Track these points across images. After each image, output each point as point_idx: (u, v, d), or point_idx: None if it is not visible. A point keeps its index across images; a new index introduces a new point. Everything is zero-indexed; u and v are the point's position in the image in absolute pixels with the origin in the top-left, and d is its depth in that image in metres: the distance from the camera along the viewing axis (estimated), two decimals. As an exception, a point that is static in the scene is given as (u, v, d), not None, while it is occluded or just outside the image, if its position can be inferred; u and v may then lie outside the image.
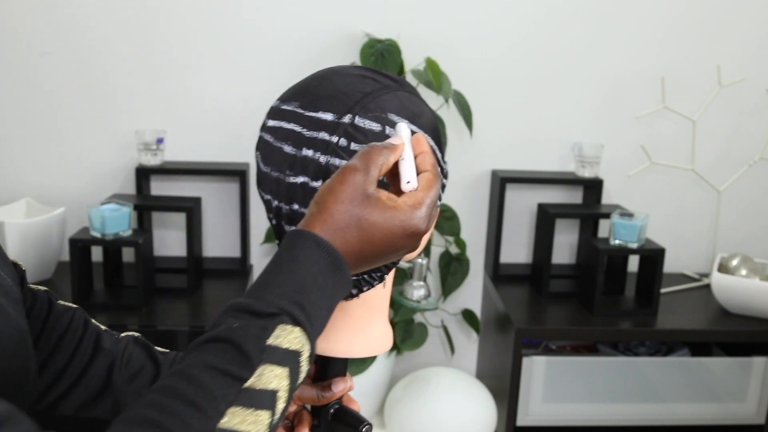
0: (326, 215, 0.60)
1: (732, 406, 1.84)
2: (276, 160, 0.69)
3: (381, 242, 0.61)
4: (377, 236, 0.60)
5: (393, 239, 0.61)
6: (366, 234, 0.60)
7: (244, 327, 0.55)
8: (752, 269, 1.84)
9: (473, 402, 1.81)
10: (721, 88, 1.97)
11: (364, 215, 0.60)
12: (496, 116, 1.99)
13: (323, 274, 0.59)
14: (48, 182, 1.93)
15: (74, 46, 1.86)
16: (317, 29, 1.90)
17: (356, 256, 0.61)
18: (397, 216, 0.61)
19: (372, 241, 0.60)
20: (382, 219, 0.60)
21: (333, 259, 0.59)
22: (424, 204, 0.62)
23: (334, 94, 0.68)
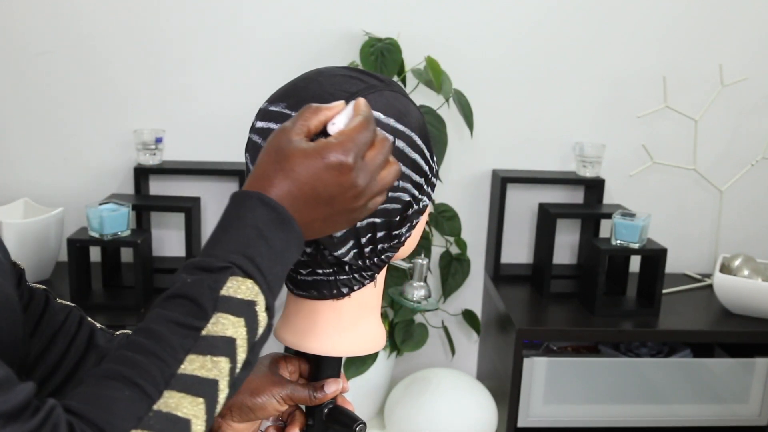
0: (259, 172, 0.62)
1: (734, 407, 1.83)
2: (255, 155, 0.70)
3: (311, 184, 0.61)
4: (303, 176, 0.61)
5: (317, 175, 0.61)
6: (294, 177, 0.61)
7: (198, 281, 0.57)
8: (754, 269, 1.83)
9: (474, 403, 1.80)
10: (723, 88, 1.96)
11: (289, 161, 0.61)
12: (497, 116, 1.98)
13: (269, 229, 0.60)
14: (46, 182, 1.92)
15: (73, 46, 1.85)
16: (317, 28, 1.89)
17: (297, 205, 0.61)
18: (316, 150, 0.61)
19: (301, 184, 0.61)
20: (303, 157, 0.61)
21: (277, 213, 0.60)
22: (347, 137, 0.61)
23: (320, 94, 0.69)
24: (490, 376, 1.98)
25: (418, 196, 0.73)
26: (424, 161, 0.73)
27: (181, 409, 0.53)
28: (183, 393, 0.54)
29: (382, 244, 0.73)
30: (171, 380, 0.54)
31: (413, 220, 0.74)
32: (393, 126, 0.70)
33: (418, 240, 0.79)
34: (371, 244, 0.72)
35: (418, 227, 0.77)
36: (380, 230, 0.71)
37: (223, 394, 0.57)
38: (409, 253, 0.79)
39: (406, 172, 0.71)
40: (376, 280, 0.77)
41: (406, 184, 0.71)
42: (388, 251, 0.75)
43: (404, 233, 0.74)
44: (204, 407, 0.55)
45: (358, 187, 0.62)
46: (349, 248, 0.71)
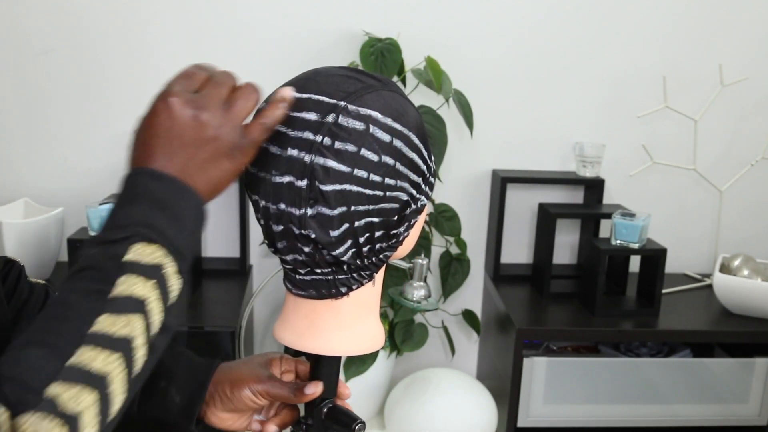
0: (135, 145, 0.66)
1: (734, 407, 1.83)
2: (262, 160, 0.70)
3: (151, 126, 0.63)
4: (146, 122, 0.64)
5: (154, 115, 0.63)
6: (143, 128, 0.64)
7: (101, 252, 0.58)
8: (754, 269, 1.83)
9: (474, 403, 1.80)
10: (723, 88, 1.96)
11: (141, 120, 0.65)
12: (497, 116, 1.99)
13: (164, 197, 0.61)
14: (46, 182, 1.92)
15: (73, 46, 1.85)
16: (317, 28, 1.89)
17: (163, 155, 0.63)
18: (150, 106, 0.65)
19: (146, 129, 0.64)
20: (149, 109, 0.64)
21: (163, 180, 0.62)
22: (181, 72, 0.65)
23: (318, 94, 0.70)
24: (490, 376, 1.98)
25: (416, 195, 0.73)
26: (422, 161, 0.73)
27: (95, 363, 0.54)
28: (97, 348, 0.54)
29: (380, 243, 0.73)
30: (82, 339, 0.54)
31: (411, 219, 0.74)
32: (390, 125, 0.70)
33: (416, 240, 0.79)
34: (369, 244, 0.72)
35: (416, 227, 0.77)
36: (378, 230, 0.71)
37: (139, 353, 0.57)
38: (407, 252, 0.79)
39: (404, 172, 0.71)
40: (374, 280, 0.77)
41: (403, 184, 0.71)
42: (386, 251, 0.75)
43: (402, 233, 0.75)
44: (121, 361, 0.55)
45: (199, 117, 0.63)
46: (347, 248, 0.71)
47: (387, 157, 0.69)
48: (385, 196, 0.70)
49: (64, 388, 0.52)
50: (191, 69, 0.66)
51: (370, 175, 0.68)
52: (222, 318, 1.66)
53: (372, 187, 0.69)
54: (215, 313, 1.71)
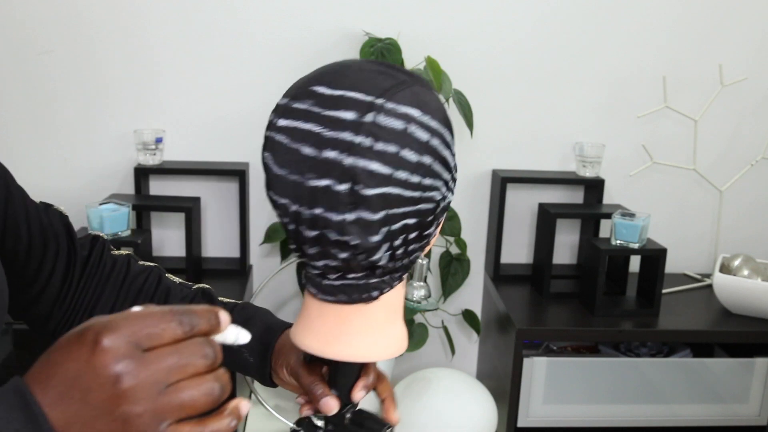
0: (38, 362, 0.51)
1: (734, 407, 1.83)
2: (293, 162, 0.65)
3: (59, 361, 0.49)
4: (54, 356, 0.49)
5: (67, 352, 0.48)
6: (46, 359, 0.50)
7: None
8: (754, 269, 1.83)
9: (473, 403, 1.80)
10: (723, 88, 1.96)
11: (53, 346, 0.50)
12: (497, 116, 1.98)
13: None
14: (46, 182, 1.92)
15: (73, 46, 1.85)
16: (316, 28, 1.89)
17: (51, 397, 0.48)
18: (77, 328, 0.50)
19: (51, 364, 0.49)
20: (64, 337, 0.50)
21: (37, 426, 0.47)
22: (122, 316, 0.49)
23: (352, 91, 0.65)
24: (490, 375, 1.98)
25: (446, 193, 0.71)
26: (452, 157, 0.71)
27: None
28: None
29: (414, 244, 0.70)
30: None
31: (440, 217, 0.72)
32: (427, 124, 0.66)
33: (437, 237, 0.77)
34: (404, 246, 0.69)
35: (441, 224, 0.75)
36: (413, 231, 0.69)
37: None
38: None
39: (439, 171, 0.68)
40: (403, 281, 0.74)
41: (438, 183, 0.69)
42: (417, 251, 0.72)
43: (433, 232, 0.73)
44: None
45: (120, 384, 0.47)
46: (384, 251, 0.68)
47: (425, 156, 0.66)
48: (421, 197, 0.67)
49: None
50: (166, 317, 0.49)
51: (410, 176, 0.65)
52: (222, 318, 1.66)
53: (411, 188, 0.65)
54: (215, 313, 1.70)
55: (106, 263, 0.90)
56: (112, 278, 0.90)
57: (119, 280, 0.90)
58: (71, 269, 0.87)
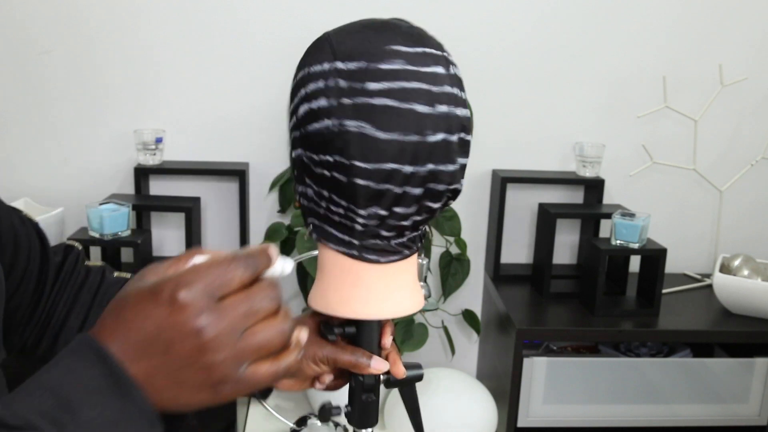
0: (105, 316, 0.52)
1: (734, 407, 1.83)
2: (408, 122, 0.66)
3: (138, 321, 0.49)
4: (133, 315, 0.50)
5: (146, 312, 0.49)
6: (124, 318, 0.50)
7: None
8: (754, 269, 1.83)
9: (473, 403, 1.80)
10: (723, 88, 1.96)
11: (123, 302, 0.51)
12: (497, 116, 1.98)
13: (102, 393, 0.47)
14: (46, 182, 1.92)
15: (73, 45, 1.85)
16: (316, 28, 1.87)
17: (133, 353, 0.50)
18: (149, 286, 0.50)
19: (129, 323, 0.50)
20: (135, 294, 0.51)
21: (116, 378, 0.48)
22: (192, 270, 0.50)
23: (429, 47, 0.71)
24: (490, 375, 1.98)
25: None
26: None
27: None
28: None
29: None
30: None
31: None
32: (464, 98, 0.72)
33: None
34: None
35: None
36: None
37: None
38: None
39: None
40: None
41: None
42: None
43: None
44: None
45: (202, 336, 0.49)
46: None
47: None
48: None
49: None
50: (231, 264, 0.51)
51: None
52: (222, 318, 1.66)
53: None
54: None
55: (80, 272, 0.86)
56: (85, 287, 0.85)
57: (93, 290, 0.86)
58: (44, 275, 0.83)
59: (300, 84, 0.70)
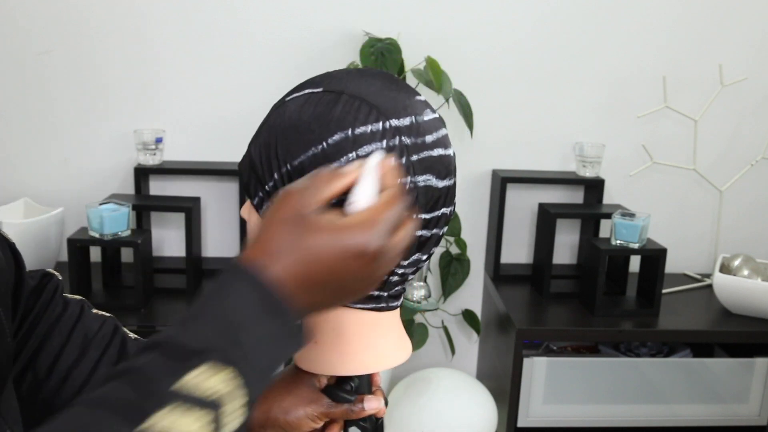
0: (264, 244, 0.55)
1: (734, 407, 1.83)
2: (451, 168, 0.70)
3: (327, 268, 0.54)
4: (322, 261, 0.54)
5: (339, 263, 0.54)
6: (309, 261, 0.54)
7: (164, 360, 0.49)
8: (754, 269, 1.83)
9: (474, 403, 1.80)
10: (723, 88, 1.96)
11: (304, 240, 0.54)
12: (497, 116, 1.98)
13: (259, 317, 0.52)
14: (46, 182, 1.92)
15: (72, 46, 1.85)
16: (316, 28, 1.89)
17: (305, 286, 0.54)
18: (338, 231, 0.55)
19: (317, 268, 0.54)
20: (322, 236, 0.54)
21: (274, 300, 0.53)
22: (375, 220, 0.56)
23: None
24: (490, 375, 1.98)
25: None
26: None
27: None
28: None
29: None
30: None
31: None
32: None
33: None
34: None
35: None
36: None
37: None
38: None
39: None
40: None
41: None
42: None
43: None
44: None
45: (375, 276, 0.57)
46: None
47: None
48: None
49: None
50: (398, 207, 0.58)
51: None
52: (222, 318, 1.66)
53: None
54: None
55: (57, 303, 0.79)
56: (63, 320, 0.78)
57: (70, 324, 0.79)
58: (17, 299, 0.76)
59: (344, 148, 0.64)
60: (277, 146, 0.67)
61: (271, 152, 0.67)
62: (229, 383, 0.50)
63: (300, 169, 0.65)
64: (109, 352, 0.78)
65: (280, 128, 0.67)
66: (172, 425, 0.46)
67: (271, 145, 0.67)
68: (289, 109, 0.68)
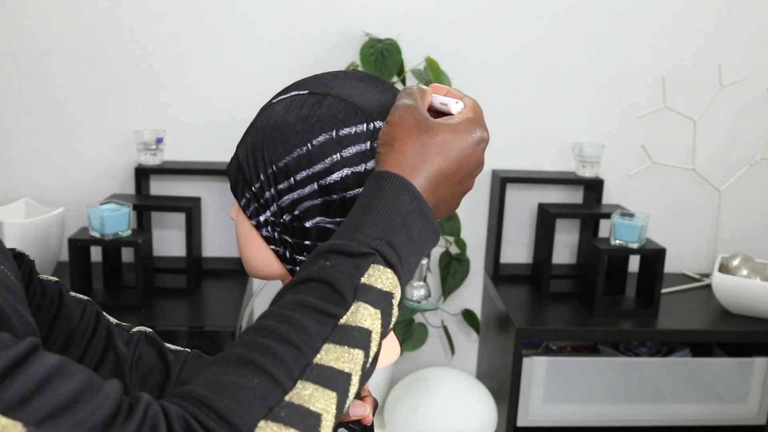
0: (399, 154, 0.60)
1: (733, 407, 1.83)
2: None
3: (458, 158, 0.61)
4: (454, 153, 0.61)
5: (466, 151, 0.62)
6: (446, 155, 0.61)
7: (337, 266, 0.54)
8: (753, 269, 1.84)
9: (473, 402, 1.80)
10: (722, 88, 1.97)
11: (438, 137, 0.61)
12: (497, 116, 1.99)
13: (411, 216, 0.58)
14: (47, 182, 1.93)
15: (73, 46, 1.85)
16: (317, 29, 1.90)
17: (440, 184, 0.61)
18: (464, 126, 0.62)
19: (451, 161, 0.61)
20: (454, 133, 0.61)
21: (419, 202, 0.59)
22: (478, 113, 0.64)
23: None
24: (490, 375, 1.99)
25: None
26: None
27: (313, 402, 0.50)
28: (317, 385, 0.50)
29: None
30: (306, 370, 0.50)
31: None
32: None
33: None
34: None
35: None
36: None
37: (354, 389, 0.53)
38: None
39: None
40: None
41: None
42: None
43: None
44: (335, 402, 0.51)
45: (482, 165, 0.64)
46: None
47: None
48: None
49: (275, 429, 0.48)
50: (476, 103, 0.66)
51: None
52: (222, 318, 1.67)
53: None
54: (215, 313, 1.71)
55: (35, 288, 0.73)
56: (42, 309, 0.73)
57: (51, 314, 0.73)
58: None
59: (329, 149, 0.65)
60: (263, 148, 0.67)
61: (258, 154, 0.68)
62: (393, 281, 0.56)
63: (285, 171, 0.66)
64: (94, 342, 0.75)
65: (266, 130, 0.68)
66: (361, 318, 0.53)
67: (258, 146, 0.68)
68: (275, 111, 0.69)
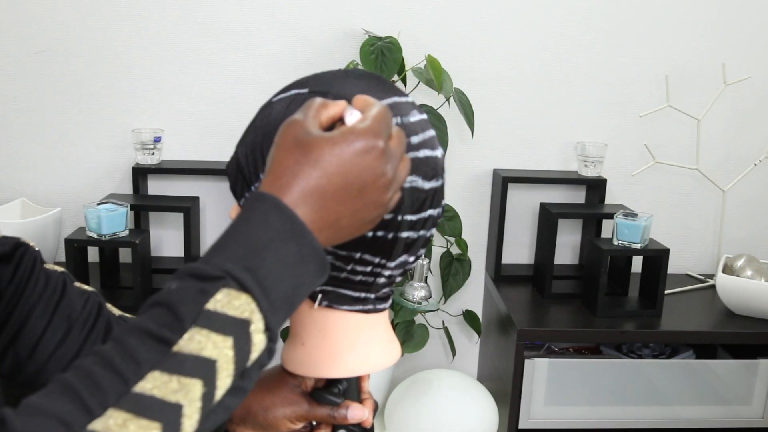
0: (273, 174, 0.56)
1: (737, 409, 1.82)
2: (440, 168, 0.69)
3: (338, 171, 0.55)
4: (332, 165, 0.55)
5: (347, 162, 0.56)
6: (322, 168, 0.55)
7: (183, 289, 0.51)
8: (758, 270, 1.82)
9: (474, 404, 1.79)
10: (726, 87, 1.95)
11: (313, 151, 0.55)
12: (498, 115, 1.97)
13: (280, 239, 0.53)
14: (44, 182, 1.92)
15: (70, 45, 1.84)
16: (316, 27, 1.88)
17: (326, 201, 0.56)
18: (342, 137, 0.56)
19: (330, 174, 0.55)
20: (330, 145, 0.55)
21: (292, 223, 0.54)
22: (373, 121, 0.57)
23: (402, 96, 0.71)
24: (491, 377, 1.97)
25: None
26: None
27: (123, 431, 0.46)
28: (130, 414, 0.47)
29: None
30: (122, 398, 0.47)
31: None
32: None
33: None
34: None
35: None
36: None
37: (190, 422, 0.49)
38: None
39: None
40: None
41: None
42: None
43: None
44: (160, 430, 0.47)
45: (387, 175, 0.57)
46: None
47: None
48: None
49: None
50: (389, 113, 0.60)
51: None
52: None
53: None
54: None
55: (38, 278, 0.75)
56: (44, 298, 0.74)
57: (53, 303, 0.75)
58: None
59: None
60: (262, 147, 0.66)
61: (257, 153, 0.67)
62: (248, 306, 0.51)
63: None
64: (93, 334, 0.76)
65: (265, 129, 0.67)
66: (200, 345, 0.49)
67: (257, 145, 0.67)
68: (275, 110, 0.68)
